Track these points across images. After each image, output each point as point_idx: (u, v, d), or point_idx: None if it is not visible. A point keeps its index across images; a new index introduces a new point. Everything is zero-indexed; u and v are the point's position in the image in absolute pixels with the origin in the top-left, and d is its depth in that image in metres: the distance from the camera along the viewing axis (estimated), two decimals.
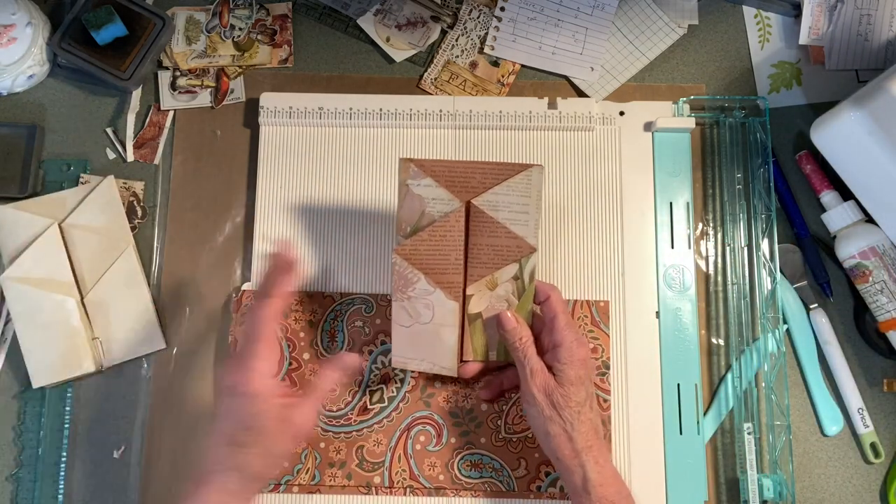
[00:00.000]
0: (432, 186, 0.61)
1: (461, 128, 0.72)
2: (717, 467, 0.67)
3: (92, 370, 0.67)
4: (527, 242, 0.61)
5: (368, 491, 0.66)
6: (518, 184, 0.60)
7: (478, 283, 0.62)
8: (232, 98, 0.74)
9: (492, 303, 0.62)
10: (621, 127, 0.72)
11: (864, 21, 0.74)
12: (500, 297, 0.62)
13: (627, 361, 0.68)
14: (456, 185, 0.61)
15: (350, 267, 0.70)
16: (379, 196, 0.71)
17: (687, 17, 0.76)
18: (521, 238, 0.61)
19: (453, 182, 0.61)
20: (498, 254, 0.61)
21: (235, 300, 0.69)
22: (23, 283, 0.68)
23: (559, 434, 0.58)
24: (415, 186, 0.61)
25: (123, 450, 0.68)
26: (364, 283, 0.69)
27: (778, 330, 0.68)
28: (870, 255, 0.67)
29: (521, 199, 0.61)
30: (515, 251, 0.61)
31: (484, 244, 0.61)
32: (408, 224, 0.61)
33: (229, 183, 0.73)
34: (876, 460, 0.68)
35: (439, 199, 0.61)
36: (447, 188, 0.61)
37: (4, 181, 0.71)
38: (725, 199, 0.71)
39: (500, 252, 0.61)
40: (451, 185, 0.61)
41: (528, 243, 0.61)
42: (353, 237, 0.70)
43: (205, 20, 0.76)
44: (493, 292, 0.62)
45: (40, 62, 0.73)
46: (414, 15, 0.76)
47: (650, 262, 0.70)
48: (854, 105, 0.64)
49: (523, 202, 0.61)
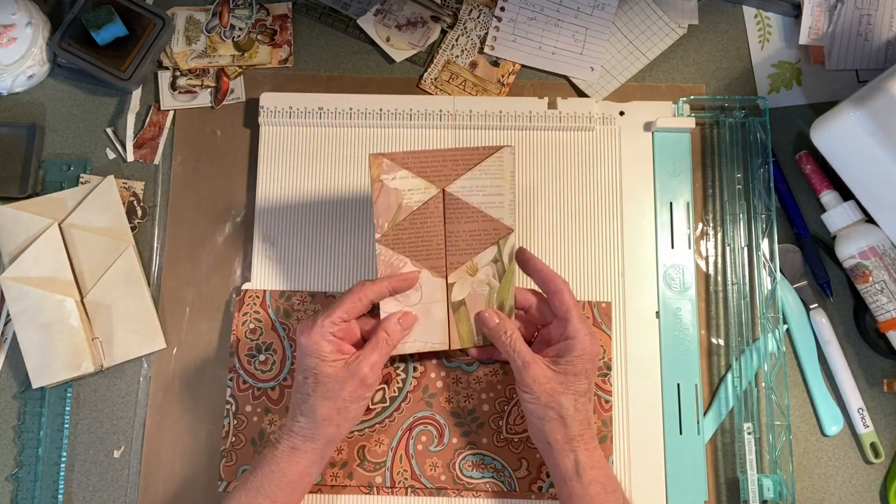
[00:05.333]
0: (407, 178, 0.61)
1: (461, 128, 0.72)
2: (717, 467, 0.67)
3: (92, 370, 0.67)
4: (503, 224, 0.62)
5: (370, 491, 0.66)
6: (490, 166, 0.61)
7: (458, 270, 0.62)
8: (232, 98, 0.74)
9: (474, 288, 0.63)
10: (621, 127, 0.72)
11: (864, 21, 0.74)
12: (482, 281, 0.62)
13: (627, 361, 0.68)
14: (429, 173, 0.61)
15: (351, 266, 0.70)
16: None
17: (687, 17, 0.76)
18: (497, 220, 0.62)
19: (426, 171, 0.61)
20: (476, 238, 0.62)
21: (236, 300, 0.69)
22: (23, 283, 0.68)
23: (553, 419, 0.58)
24: (389, 181, 0.61)
25: (123, 450, 0.68)
26: None
27: (778, 330, 0.68)
28: (870, 255, 0.67)
29: (495, 182, 0.61)
30: (493, 234, 0.62)
31: (461, 230, 0.62)
32: (385, 220, 0.61)
33: (229, 183, 0.73)
34: (876, 460, 0.68)
35: (416, 189, 0.61)
36: (422, 177, 0.61)
37: (4, 181, 0.71)
38: (725, 199, 0.71)
39: (478, 237, 0.62)
40: (425, 174, 0.61)
41: (504, 224, 0.62)
42: (353, 237, 0.70)
43: (205, 20, 0.76)
44: (473, 278, 0.62)
45: (40, 62, 0.73)
46: (414, 15, 0.76)
47: (650, 263, 0.70)
48: (854, 105, 0.64)
49: (497, 184, 0.61)
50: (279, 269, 0.70)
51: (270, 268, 0.70)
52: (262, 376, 0.68)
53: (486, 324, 0.62)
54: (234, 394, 0.67)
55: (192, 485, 0.67)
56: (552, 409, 0.58)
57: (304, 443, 0.59)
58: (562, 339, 0.60)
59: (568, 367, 0.59)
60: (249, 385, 0.67)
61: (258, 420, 0.67)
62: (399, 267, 0.62)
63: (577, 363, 0.59)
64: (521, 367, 0.59)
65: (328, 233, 0.71)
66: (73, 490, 0.67)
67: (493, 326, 0.62)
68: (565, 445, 0.58)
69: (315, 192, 0.71)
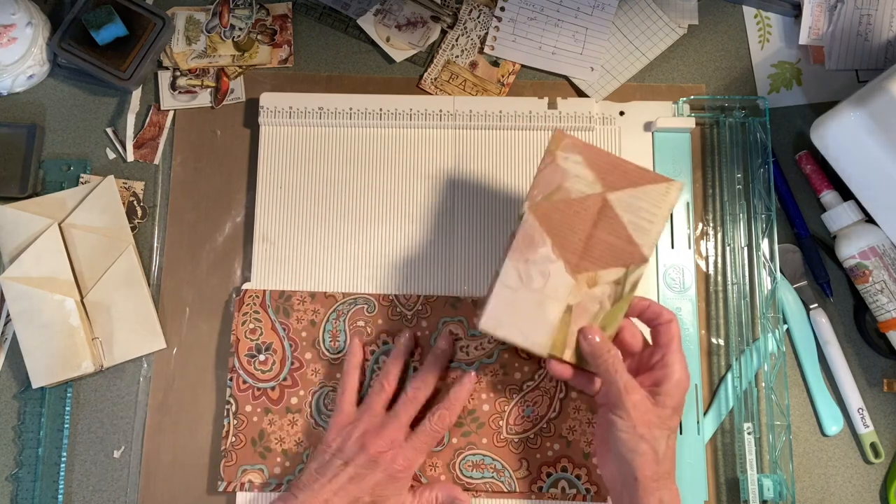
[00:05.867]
0: (580, 164, 0.60)
1: (461, 128, 0.72)
2: (717, 467, 0.67)
3: (92, 370, 0.67)
4: (641, 251, 0.59)
5: None
6: (653, 192, 0.59)
7: (582, 275, 0.60)
8: (232, 98, 0.74)
9: (585, 300, 0.59)
10: (621, 127, 0.72)
11: (864, 21, 0.74)
12: (595, 297, 0.59)
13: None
14: (601, 171, 0.60)
15: (351, 266, 0.70)
16: (379, 196, 0.71)
17: (687, 17, 0.76)
18: (637, 245, 0.59)
19: (599, 168, 0.60)
20: (611, 253, 0.59)
21: (236, 300, 0.69)
22: (22, 282, 0.68)
23: (647, 453, 0.55)
24: (563, 159, 0.60)
25: (123, 450, 0.68)
26: (366, 283, 0.69)
27: (778, 330, 0.68)
28: (870, 255, 0.67)
29: (652, 208, 0.59)
30: (627, 256, 0.59)
31: (601, 239, 0.59)
32: (541, 192, 0.59)
33: (229, 183, 0.73)
34: (876, 460, 0.68)
35: (582, 179, 0.60)
36: (593, 171, 0.60)
37: (4, 181, 0.71)
38: (725, 199, 0.71)
39: (614, 252, 0.59)
40: (597, 170, 0.60)
41: (641, 252, 0.59)
42: (353, 237, 0.70)
43: (205, 20, 0.76)
44: (590, 291, 0.59)
45: (40, 62, 0.73)
46: (414, 15, 0.76)
47: (650, 262, 0.70)
48: (854, 105, 0.64)
49: (652, 211, 0.59)
50: (279, 269, 0.70)
51: (270, 268, 0.70)
52: (262, 376, 0.68)
53: (588, 338, 0.58)
54: (234, 394, 0.67)
55: (192, 485, 0.67)
56: (647, 441, 0.55)
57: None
58: (658, 367, 0.58)
59: (666, 400, 0.56)
60: (249, 385, 0.67)
61: (258, 420, 0.67)
62: (538, 244, 0.59)
63: (676, 394, 0.57)
64: (622, 390, 0.56)
65: (328, 233, 0.71)
66: (73, 490, 0.67)
67: (596, 344, 0.58)
68: (653, 483, 0.55)
69: (315, 192, 0.71)
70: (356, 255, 0.70)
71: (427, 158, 0.72)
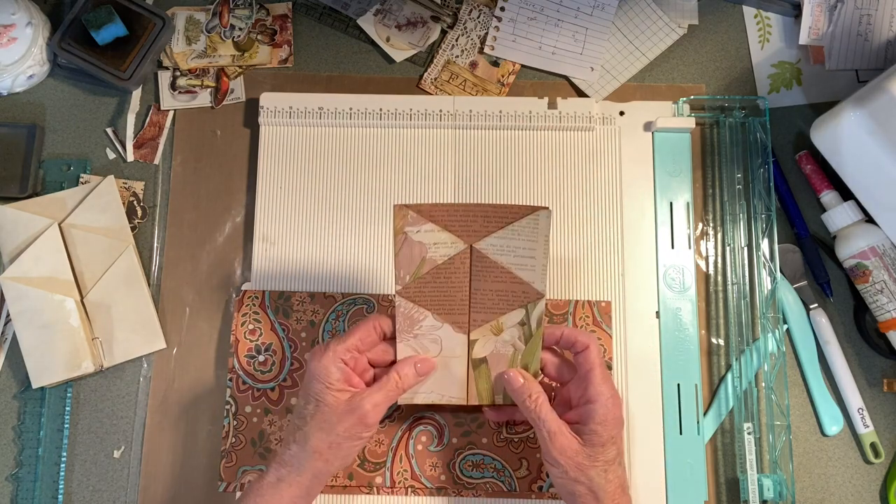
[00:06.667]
0: (433, 231, 0.58)
1: (461, 128, 0.72)
2: (717, 467, 0.67)
3: (92, 370, 0.67)
4: (533, 288, 0.58)
5: (370, 491, 0.66)
6: (523, 228, 0.58)
7: (482, 327, 0.60)
8: (232, 98, 0.74)
9: (497, 348, 0.60)
10: (621, 127, 0.72)
11: (864, 21, 0.74)
12: (506, 342, 0.60)
13: (627, 361, 0.68)
14: (457, 228, 0.58)
15: (351, 267, 0.70)
16: (379, 196, 0.71)
17: (687, 17, 0.76)
18: (527, 283, 0.58)
19: (454, 225, 0.58)
20: (503, 299, 0.59)
21: (235, 300, 0.69)
22: (23, 283, 0.68)
23: (584, 494, 0.55)
24: (413, 233, 0.58)
25: (123, 450, 0.68)
26: (365, 283, 0.69)
27: (778, 330, 0.68)
28: (870, 255, 0.67)
29: (528, 244, 0.58)
30: (521, 297, 0.59)
31: (487, 289, 0.59)
32: (406, 272, 0.58)
33: (229, 183, 0.73)
34: (876, 460, 0.68)
35: (442, 244, 0.58)
36: (449, 231, 0.58)
37: (4, 181, 0.71)
38: (725, 199, 0.71)
39: (505, 297, 0.59)
40: (453, 229, 0.58)
41: (534, 289, 0.58)
42: (353, 237, 0.70)
43: (205, 20, 0.76)
44: (498, 337, 0.60)
45: (40, 62, 0.73)
46: (414, 15, 0.76)
47: (650, 262, 0.70)
48: (854, 105, 0.64)
49: (530, 246, 0.58)
50: (279, 269, 0.70)
51: (270, 268, 0.70)
52: (262, 377, 0.68)
53: (510, 384, 0.58)
54: (233, 394, 0.67)
55: (192, 485, 0.67)
56: (582, 483, 0.55)
57: (289, 474, 0.56)
58: (582, 402, 0.57)
59: (593, 438, 0.55)
60: (249, 386, 0.67)
61: (258, 421, 0.67)
62: (419, 319, 0.59)
63: (602, 432, 0.55)
64: (546, 437, 0.55)
65: (328, 233, 0.71)
66: (73, 490, 0.67)
67: (517, 388, 0.58)
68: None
69: (315, 192, 0.71)
70: (356, 255, 0.70)
71: (427, 158, 0.72)
